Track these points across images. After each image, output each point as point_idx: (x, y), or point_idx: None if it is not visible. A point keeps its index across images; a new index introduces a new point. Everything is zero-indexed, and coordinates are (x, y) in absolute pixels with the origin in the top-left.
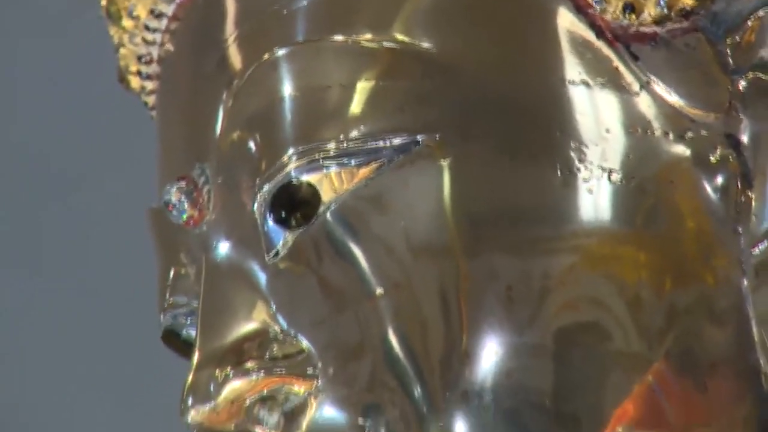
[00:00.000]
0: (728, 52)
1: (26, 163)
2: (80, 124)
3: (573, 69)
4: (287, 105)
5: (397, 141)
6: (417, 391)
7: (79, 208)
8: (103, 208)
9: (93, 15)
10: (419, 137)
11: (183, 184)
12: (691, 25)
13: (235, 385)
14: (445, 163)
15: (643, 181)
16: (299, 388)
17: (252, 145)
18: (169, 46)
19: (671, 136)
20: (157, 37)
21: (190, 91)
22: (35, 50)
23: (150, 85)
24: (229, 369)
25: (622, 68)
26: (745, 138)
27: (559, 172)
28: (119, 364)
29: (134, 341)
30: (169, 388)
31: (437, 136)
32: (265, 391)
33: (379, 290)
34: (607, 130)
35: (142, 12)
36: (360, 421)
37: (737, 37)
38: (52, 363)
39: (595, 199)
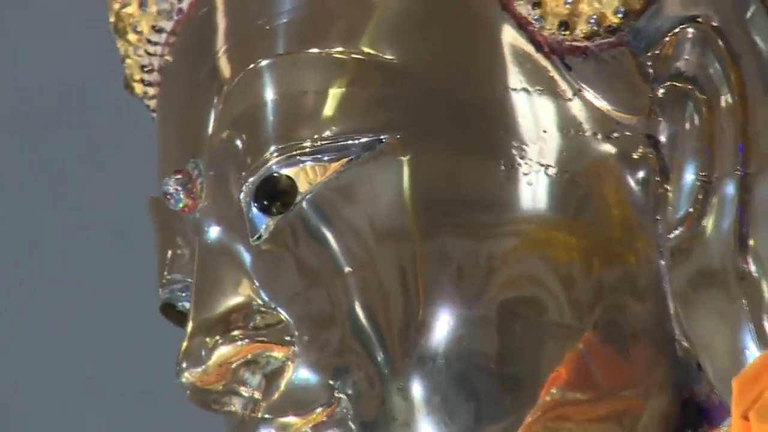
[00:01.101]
0: (649, 63)
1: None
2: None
3: (515, 78)
4: (269, 108)
5: (363, 140)
6: (380, 356)
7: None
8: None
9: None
10: (382, 136)
11: (179, 176)
12: (617, 40)
13: (223, 351)
14: (404, 159)
15: (575, 175)
16: (278, 353)
17: (239, 143)
18: (168, 57)
19: (599, 136)
20: (158, 49)
21: (185, 96)
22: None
23: (151, 90)
24: (218, 337)
25: (557, 77)
26: (663, 138)
27: (502, 167)
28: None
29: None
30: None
31: (398, 135)
32: (249, 356)
33: (347, 269)
34: (544, 131)
35: (145, 28)
36: (330, 381)
37: (657, 51)
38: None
39: (533, 191)
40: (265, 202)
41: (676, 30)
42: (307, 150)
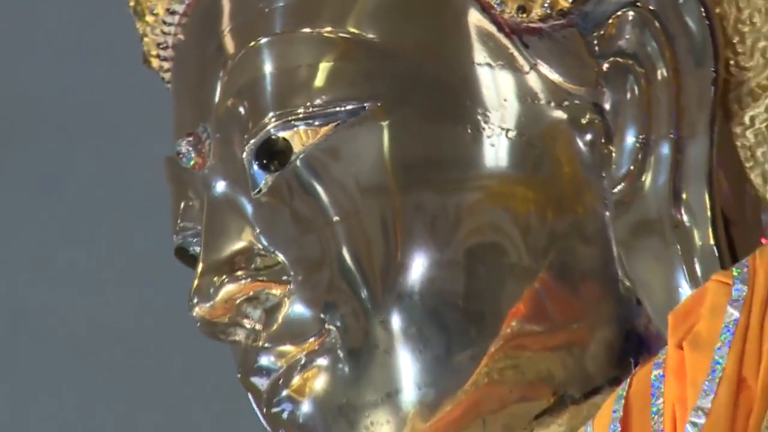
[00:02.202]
0: (595, 42)
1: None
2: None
3: (480, 54)
4: (268, 80)
5: (349, 107)
6: (364, 294)
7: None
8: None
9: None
10: (366, 104)
11: (190, 138)
12: (568, 22)
13: (228, 288)
14: (385, 124)
15: (531, 137)
16: (276, 290)
17: (241, 109)
18: (181, 36)
19: (553, 104)
20: (172, 29)
21: (195, 70)
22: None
23: (166, 65)
24: (224, 276)
25: (516, 54)
26: (607, 106)
27: (469, 131)
28: None
29: None
30: None
31: (379, 103)
32: (251, 293)
33: (335, 218)
34: (505, 100)
35: (160, 10)
36: (321, 315)
37: (602, 31)
38: None
39: (496, 151)
40: (264, 161)
41: (619, 13)
42: (301, 116)
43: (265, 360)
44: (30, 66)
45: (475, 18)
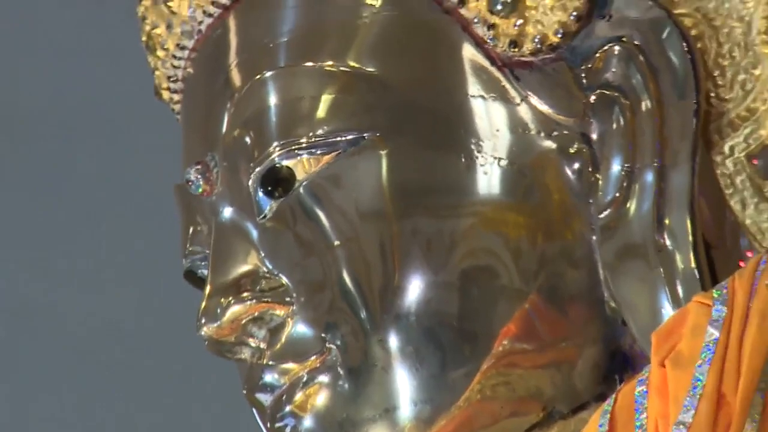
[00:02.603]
0: (583, 75)
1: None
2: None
3: (473, 87)
4: (272, 111)
5: (350, 137)
6: (363, 314)
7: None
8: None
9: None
10: (365, 134)
11: (199, 166)
12: (557, 56)
13: (235, 309)
14: (383, 153)
15: (522, 166)
16: (280, 311)
17: (247, 139)
18: (190, 70)
19: (542, 134)
20: (182, 63)
21: (204, 101)
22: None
23: (176, 97)
24: (231, 298)
25: (507, 86)
26: (594, 135)
27: (463, 159)
28: None
29: None
30: None
31: (378, 133)
32: (256, 313)
33: (336, 242)
34: (497, 130)
35: (171, 45)
36: (323, 335)
37: (589, 65)
38: None
39: (488, 179)
40: (269, 188)
41: (605, 47)
42: (304, 145)
43: (269, 377)
44: (30, 67)
45: (469, 52)
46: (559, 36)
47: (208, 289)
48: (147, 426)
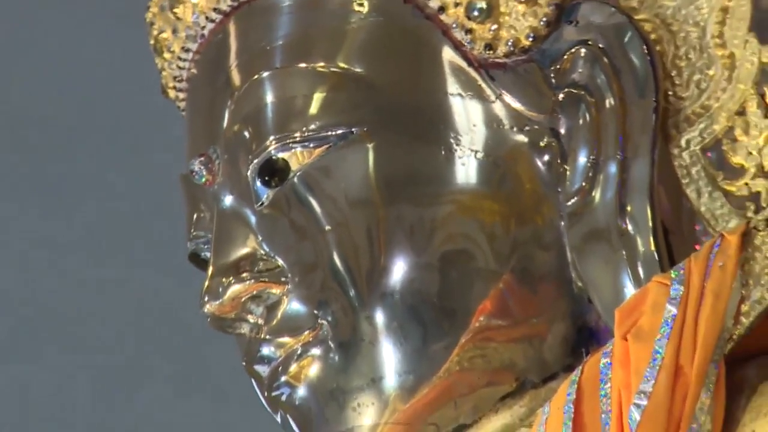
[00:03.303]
0: (552, 75)
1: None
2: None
3: (452, 86)
4: (269, 108)
5: (339, 131)
6: (351, 293)
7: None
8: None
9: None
10: (354, 129)
11: (202, 158)
12: (528, 58)
13: (235, 288)
14: (370, 146)
15: (496, 158)
16: (276, 290)
17: (246, 134)
18: (194, 70)
19: (515, 129)
20: (186, 64)
21: (206, 99)
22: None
23: (181, 95)
24: (231, 278)
25: (483, 85)
26: (562, 130)
27: (443, 152)
28: None
29: None
30: None
31: (365, 128)
32: (254, 292)
33: (327, 227)
34: (474, 125)
35: (176, 48)
36: (315, 311)
37: (558, 66)
38: None
39: (466, 170)
40: (266, 178)
41: (572, 50)
42: (298, 139)
43: (266, 350)
44: (65, 83)
45: (448, 54)
46: (531, 40)
47: (210, 270)
48: None
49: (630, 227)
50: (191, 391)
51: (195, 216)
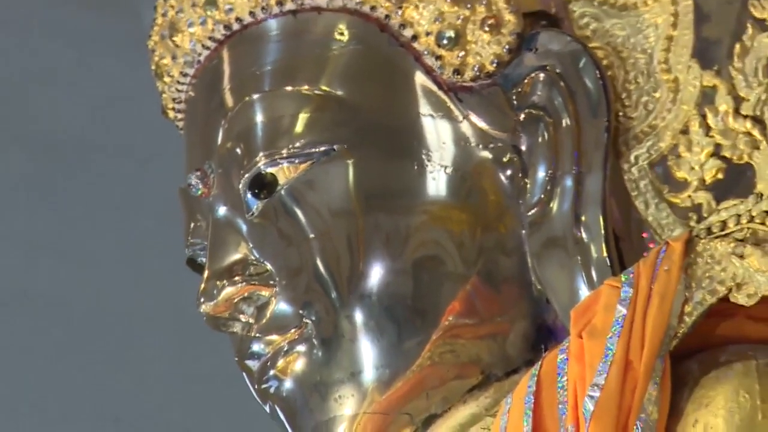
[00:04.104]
0: (514, 97)
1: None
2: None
3: (424, 107)
4: (258, 127)
5: (322, 148)
6: (333, 294)
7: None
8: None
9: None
10: (335, 146)
11: (198, 173)
12: (493, 82)
13: (228, 290)
14: (350, 162)
15: (464, 172)
16: (265, 292)
17: (238, 150)
18: (191, 93)
19: (481, 146)
20: (184, 87)
21: (202, 119)
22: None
23: (180, 115)
24: (225, 281)
25: (452, 107)
26: (523, 147)
27: (415, 167)
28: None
29: None
30: None
31: (346, 146)
32: (245, 294)
33: (311, 235)
34: (444, 143)
35: (175, 73)
36: (300, 311)
37: (519, 89)
38: None
39: (436, 183)
40: (256, 191)
41: (532, 75)
42: (285, 155)
43: (256, 347)
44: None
45: (420, 79)
46: (495, 65)
47: (206, 273)
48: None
49: (584, 235)
50: None
51: (192, 225)
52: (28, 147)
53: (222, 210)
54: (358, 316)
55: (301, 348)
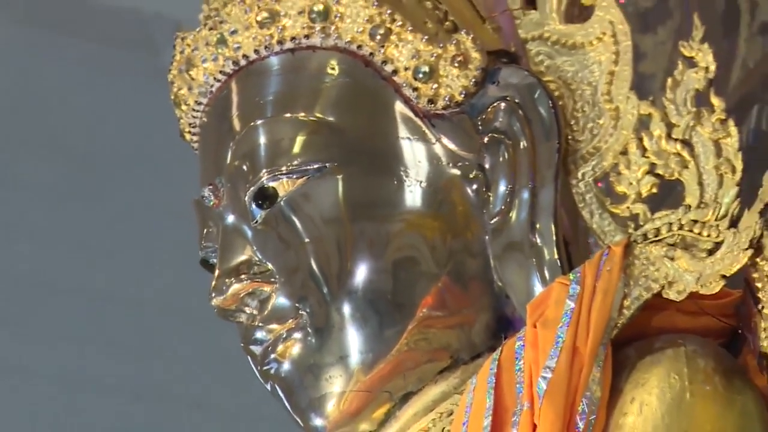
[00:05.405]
0: (479, 123)
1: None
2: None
3: (402, 131)
4: (262, 148)
5: (316, 166)
6: (325, 290)
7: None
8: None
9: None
10: (327, 164)
11: (211, 187)
12: (461, 110)
13: (235, 287)
14: (339, 178)
15: (436, 187)
16: (267, 288)
17: (244, 168)
18: (204, 119)
19: (450, 164)
20: (199, 114)
21: (214, 141)
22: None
23: (195, 138)
24: (232, 278)
25: (426, 131)
26: (487, 165)
27: (395, 182)
28: None
29: None
30: None
31: (336, 164)
32: (250, 290)
33: (307, 240)
34: (419, 161)
35: (191, 102)
36: (297, 304)
37: (483, 116)
38: None
39: (413, 196)
40: (260, 202)
41: (495, 104)
42: (284, 171)
43: (259, 334)
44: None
45: (399, 107)
46: (463, 96)
47: (217, 272)
48: None
49: (539, 240)
50: None
51: (205, 231)
52: (66, 156)
53: (230, 218)
54: (346, 309)
55: (297, 335)
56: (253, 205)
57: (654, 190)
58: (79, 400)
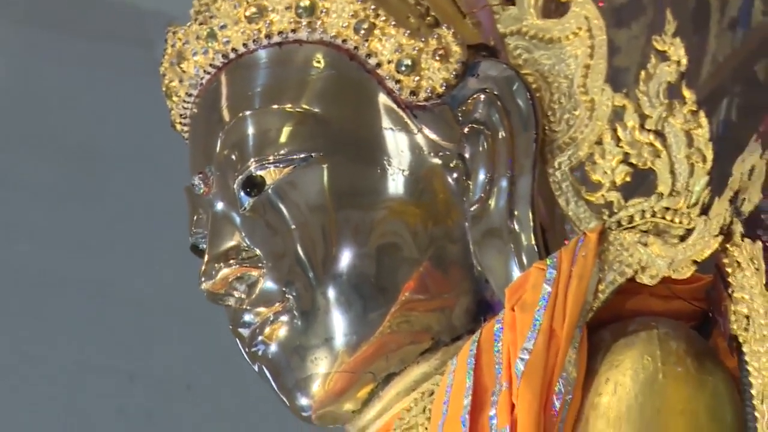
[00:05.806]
0: (459, 114)
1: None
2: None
3: (385, 122)
4: (250, 138)
5: (302, 155)
6: (310, 274)
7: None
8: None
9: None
10: (312, 154)
11: (201, 175)
12: (442, 101)
13: (224, 272)
14: (324, 167)
15: (418, 175)
16: (255, 273)
17: (233, 157)
18: (195, 110)
19: (432, 154)
20: (189, 105)
21: (204, 131)
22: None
23: (186, 128)
24: (221, 264)
25: (409, 122)
26: (467, 155)
27: (378, 170)
28: None
29: None
30: None
31: (321, 153)
32: (239, 274)
33: (293, 226)
34: (402, 151)
35: (182, 93)
36: (283, 288)
37: (464, 107)
38: None
39: (396, 184)
40: (248, 190)
41: (475, 95)
42: (271, 161)
43: (247, 317)
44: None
45: (382, 99)
46: (444, 88)
47: (206, 257)
48: None
49: (516, 227)
50: None
51: (195, 217)
52: (66, 156)
53: (220, 205)
54: (331, 293)
55: (284, 318)
56: (242, 193)
57: (628, 179)
58: (78, 399)
